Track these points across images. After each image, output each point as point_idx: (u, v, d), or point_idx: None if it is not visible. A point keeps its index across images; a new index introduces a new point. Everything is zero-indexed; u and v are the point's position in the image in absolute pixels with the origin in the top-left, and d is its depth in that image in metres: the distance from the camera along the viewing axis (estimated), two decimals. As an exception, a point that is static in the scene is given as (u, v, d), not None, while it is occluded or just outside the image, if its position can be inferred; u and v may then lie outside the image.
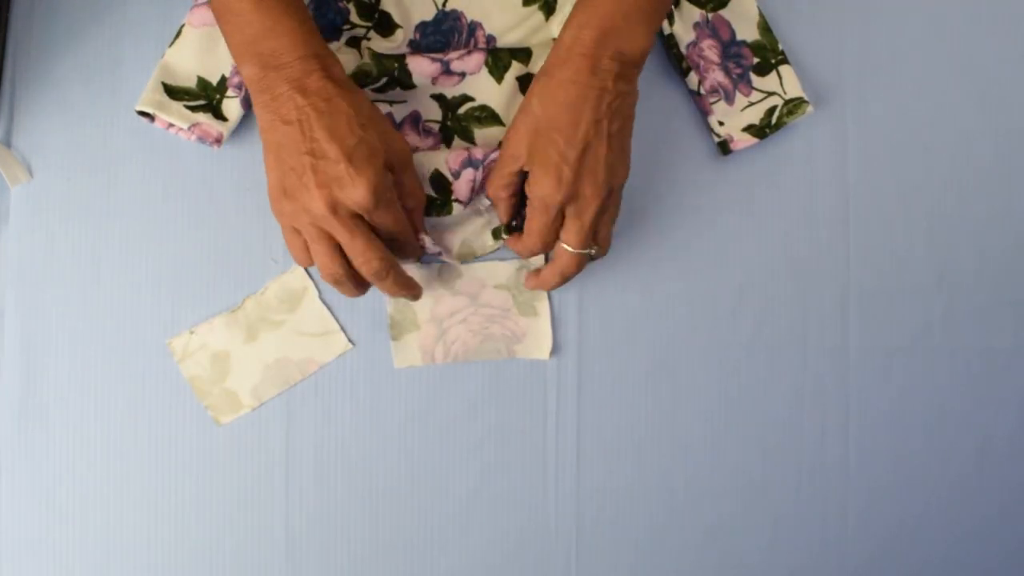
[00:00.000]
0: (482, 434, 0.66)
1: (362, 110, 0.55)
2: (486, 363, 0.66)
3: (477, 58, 0.63)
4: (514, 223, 0.64)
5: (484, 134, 0.64)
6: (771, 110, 0.66)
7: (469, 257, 0.65)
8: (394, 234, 0.57)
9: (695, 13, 0.65)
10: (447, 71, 0.63)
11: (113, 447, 0.64)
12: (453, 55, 0.63)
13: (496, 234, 0.65)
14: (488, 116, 0.64)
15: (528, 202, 0.59)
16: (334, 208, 0.53)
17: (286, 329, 0.64)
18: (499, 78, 0.64)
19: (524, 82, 0.64)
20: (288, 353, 0.64)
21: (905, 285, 0.70)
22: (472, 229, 0.65)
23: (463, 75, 0.63)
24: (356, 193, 0.53)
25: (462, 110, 0.64)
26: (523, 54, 0.64)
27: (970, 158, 0.71)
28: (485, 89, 0.64)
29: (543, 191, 0.57)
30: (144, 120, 0.63)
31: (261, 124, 0.56)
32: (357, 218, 0.54)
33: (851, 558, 0.70)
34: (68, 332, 0.63)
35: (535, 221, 0.59)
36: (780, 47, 0.67)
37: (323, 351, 0.65)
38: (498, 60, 0.64)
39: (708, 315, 0.68)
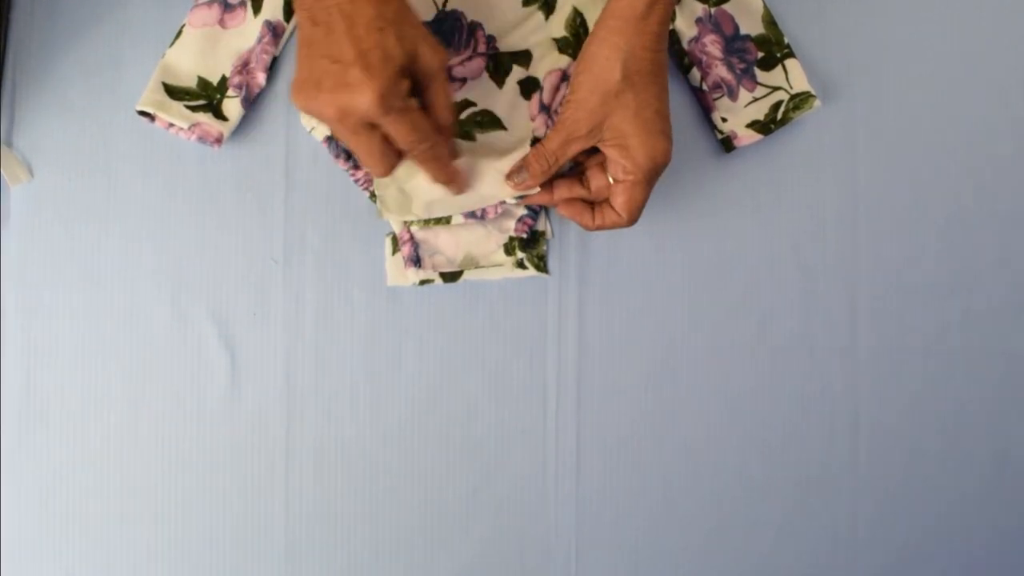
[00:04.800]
0: (482, 434, 0.66)
1: (386, 13, 0.51)
2: (486, 363, 0.66)
3: (478, 63, 0.63)
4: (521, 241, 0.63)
5: (485, 138, 0.63)
6: (776, 105, 0.65)
7: (472, 266, 0.64)
8: (412, 145, 0.54)
9: (697, 8, 0.64)
10: (448, 77, 0.62)
11: (113, 447, 0.64)
12: (454, 60, 0.63)
13: (509, 250, 0.64)
14: (489, 121, 0.63)
15: (619, 172, 0.57)
16: (342, 116, 0.51)
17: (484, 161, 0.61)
18: (500, 83, 0.63)
19: (525, 86, 0.64)
20: (476, 184, 0.61)
21: (917, 286, 0.68)
22: (473, 238, 0.64)
23: (464, 80, 0.63)
24: (362, 99, 0.50)
25: (464, 115, 0.63)
26: (523, 58, 0.64)
27: (987, 155, 0.69)
28: (486, 94, 0.63)
29: (657, 154, 0.56)
30: (144, 120, 0.63)
31: (298, 23, 0.54)
32: (366, 127, 0.52)
33: (859, 568, 0.68)
34: (68, 332, 0.64)
35: (640, 193, 0.57)
36: (785, 40, 0.65)
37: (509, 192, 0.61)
38: (499, 65, 0.63)
39: (710, 315, 0.67)
